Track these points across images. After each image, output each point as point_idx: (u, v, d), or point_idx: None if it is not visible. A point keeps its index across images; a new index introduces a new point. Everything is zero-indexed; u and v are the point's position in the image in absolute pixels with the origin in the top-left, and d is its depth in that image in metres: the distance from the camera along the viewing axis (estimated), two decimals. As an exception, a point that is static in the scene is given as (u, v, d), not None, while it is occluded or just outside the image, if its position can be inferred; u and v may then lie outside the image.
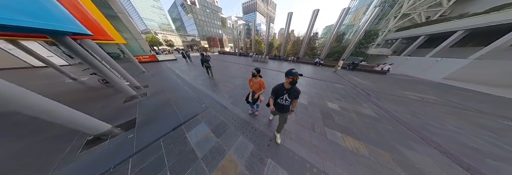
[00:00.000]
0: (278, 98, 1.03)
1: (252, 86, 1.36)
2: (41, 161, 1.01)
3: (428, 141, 1.29)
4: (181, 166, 0.99)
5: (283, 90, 0.97)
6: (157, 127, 1.43)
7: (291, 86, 0.93)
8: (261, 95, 1.40)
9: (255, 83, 1.33)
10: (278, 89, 0.99)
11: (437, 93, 3.50)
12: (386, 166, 0.97)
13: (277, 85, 1.01)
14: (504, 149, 1.26)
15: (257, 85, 1.33)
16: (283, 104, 1.02)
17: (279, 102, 1.03)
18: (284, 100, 1.00)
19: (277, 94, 1.01)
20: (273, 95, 1.04)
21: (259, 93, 1.36)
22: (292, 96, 0.97)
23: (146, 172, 0.94)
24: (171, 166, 0.99)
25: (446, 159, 1.07)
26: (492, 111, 2.37)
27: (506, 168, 1.08)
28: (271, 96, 1.08)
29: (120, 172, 0.95)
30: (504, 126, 1.77)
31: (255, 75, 1.26)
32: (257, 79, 1.31)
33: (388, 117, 1.82)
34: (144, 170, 0.95)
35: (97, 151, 1.09)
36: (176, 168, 0.97)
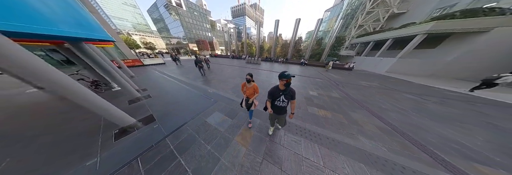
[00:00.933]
0: (275, 101, 1.03)
1: (245, 91, 1.32)
2: (84, 148, 1.25)
3: (365, 107, 2.39)
4: (210, 138, 1.37)
5: (278, 92, 0.98)
6: (176, 118, 1.75)
7: (286, 88, 0.94)
8: (255, 100, 1.37)
9: (248, 89, 1.29)
10: (273, 91, 1.01)
11: (379, 81, 5.23)
12: (341, 121, 1.85)
13: (272, 87, 1.03)
14: (397, 107, 2.52)
15: (251, 90, 1.30)
16: (281, 106, 1.03)
17: (277, 104, 1.04)
18: (281, 101, 1.01)
19: (274, 96, 1.02)
20: (270, 98, 1.05)
21: (253, 98, 1.33)
22: (288, 97, 0.99)
23: (185, 144, 1.27)
24: (202, 138, 1.36)
25: (371, 115, 2.10)
26: (403, 90, 4.00)
27: (395, 115, 2.22)
28: (268, 99, 1.08)
29: (162, 147, 1.25)
30: (403, 97, 3.22)
31: (250, 80, 1.23)
32: (250, 84, 1.28)
33: (347, 97, 2.96)
34: (182, 143, 1.29)
35: (131, 138, 1.37)
36: (206, 139, 1.35)
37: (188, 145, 1.28)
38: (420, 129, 1.74)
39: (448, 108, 2.63)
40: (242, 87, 1.35)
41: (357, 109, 2.31)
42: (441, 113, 2.36)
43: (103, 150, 1.23)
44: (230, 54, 17.96)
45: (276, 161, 1.12)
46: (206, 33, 33.00)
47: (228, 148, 1.26)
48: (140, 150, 1.23)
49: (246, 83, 1.29)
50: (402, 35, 7.25)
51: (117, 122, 1.44)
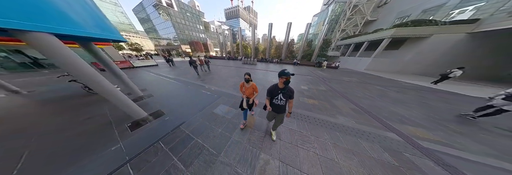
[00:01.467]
0: (273, 98, 1.06)
1: (245, 92, 1.33)
2: (104, 139, 1.40)
3: (344, 96, 3.10)
4: (219, 123, 1.66)
5: (277, 90, 1.00)
6: (185, 111, 1.98)
7: (285, 86, 0.96)
8: (255, 99, 1.40)
9: (247, 89, 1.30)
10: (272, 89, 1.02)
11: (358, 77, 6.27)
12: (325, 107, 2.45)
13: (271, 86, 1.05)
14: (368, 95, 3.30)
15: (250, 90, 1.31)
16: (279, 104, 1.06)
17: (275, 102, 1.06)
18: (279, 100, 1.03)
19: (272, 94, 1.04)
20: (269, 95, 1.07)
21: (253, 98, 1.35)
22: (286, 96, 1.01)
23: (198, 129, 1.53)
24: (212, 124, 1.64)
25: (348, 102, 2.78)
26: (374, 83, 4.99)
27: (365, 100, 2.97)
28: (266, 97, 1.11)
29: (178, 132, 1.47)
30: (374, 88, 4.11)
31: (249, 80, 1.24)
32: (249, 84, 1.29)
33: (332, 90, 3.69)
34: (196, 129, 1.55)
35: (146, 129, 1.55)
36: (216, 124, 1.64)
37: (201, 130, 1.55)
38: (379, 109, 2.48)
39: (402, 95, 3.55)
40: (240, 87, 1.35)
41: (338, 98, 3.02)
42: (396, 98, 3.23)
43: (122, 139, 1.39)
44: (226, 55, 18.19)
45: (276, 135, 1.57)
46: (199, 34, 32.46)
47: (236, 129, 1.55)
48: (159, 136, 1.43)
49: (244, 83, 1.30)
50: (374, 39, 8.72)
51: (133, 115, 1.63)
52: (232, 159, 1.17)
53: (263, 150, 1.28)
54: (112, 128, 1.61)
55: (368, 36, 9.31)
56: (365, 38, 9.60)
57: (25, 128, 1.69)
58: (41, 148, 1.35)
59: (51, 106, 2.31)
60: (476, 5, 6.25)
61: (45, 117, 1.94)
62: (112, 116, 1.89)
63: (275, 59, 13.87)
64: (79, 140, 1.44)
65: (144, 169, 1.08)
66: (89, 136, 1.50)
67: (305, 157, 1.20)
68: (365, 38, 9.62)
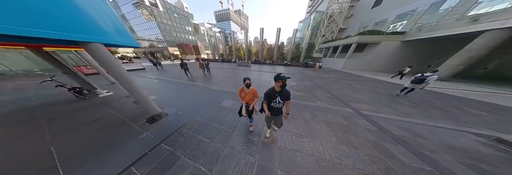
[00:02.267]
0: (271, 102, 1.07)
1: (244, 97, 1.26)
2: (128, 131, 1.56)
3: (323, 89, 4.19)
4: (229, 113, 2.06)
5: (274, 93, 1.03)
6: (195, 107, 2.27)
7: (282, 89, 0.99)
8: (255, 106, 1.34)
9: (247, 94, 1.24)
10: (270, 93, 1.04)
11: (336, 74, 7.76)
12: (308, 96, 3.44)
13: (268, 89, 1.07)
14: (339, 87, 4.49)
15: (250, 95, 1.25)
16: (277, 107, 1.09)
17: (273, 105, 1.09)
18: (277, 103, 1.06)
19: (270, 98, 1.06)
20: (266, 99, 1.08)
21: (253, 104, 1.29)
22: (284, 98, 1.04)
23: (212, 117, 1.90)
24: (223, 114, 2.03)
25: (325, 92, 3.86)
26: (346, 78, 6.43)
27: (337, 91, 4.13)
28: (264, 101, 1.12)
29: (195, 121, 1.78)
30: (345, 82, 5.41)
31: (249, 85, 1.18)
32: (249, 89, 1.23)
33: (315, 85, 4.77)
34: (210, 118, 1.92)
35: (164, 122, 1.79)
36: (227, 113, 2.04)
37: (215, 117, 1.94)
38: (345, 95, 3.58)
39: (361, 86, 4.89)
40: (239, 93, 1.28)
41: (319, 90, 4.06)
42: (357, 88, 4.49)
43: (146, 130, 1.61)
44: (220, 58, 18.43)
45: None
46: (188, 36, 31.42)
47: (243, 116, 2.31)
48: (179, 125, 1.71)
49: (244, 88, 1.23)
50: (345, 43, 10.77)
51: (150, 110, 1.85)
52: (243, 132, 1.66)
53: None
54: (128, 124, 1.77)
55: (341, 41, 11.40)
56: (339, 43, 11.70)
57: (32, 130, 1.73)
58: (66, 143, 1.45)
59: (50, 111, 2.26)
60: (402, 22, 8.78)
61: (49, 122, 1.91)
62: (121, 115, 2.04)
63: (268, 61, 15.02)
64: (101, 134, 1.58)
65: (177, 145, 1.37)
66: (109, 131, 1.64)
67: (293, 126, 1.94)
68: (339, 42, 11.73)
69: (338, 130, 1.81)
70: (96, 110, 2.29)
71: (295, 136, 1.62)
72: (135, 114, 2.07)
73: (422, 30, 7.48)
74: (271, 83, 4.84)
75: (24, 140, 1.54)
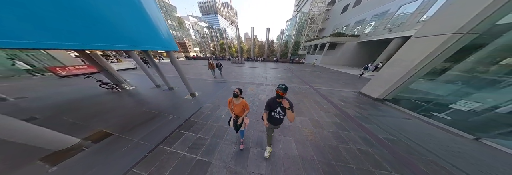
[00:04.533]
0: (272, 112, 1.04)
1: (233, 109, 1.15)
2: (182, 104, 3.68)
3: (300, 78, 6.22)
4: (244, 92, 3.37)
5: (276, 103, 0.99)
6: (211, 92, 3.44)
7: (282, 99, 0.95)
8: (245, 118, 1.24)
9: (237, 106, 1.13)
10: (271, 102, 1.02)
11: (312, 68, 10.01)
12: (287, 82, 5.46)
13: (269, 99, 1.04)
14: (310, 76, 6.58)
15: (239, 108, 1.13)
16: (277, 117, 1.04)
17: (273, 115, 1.04)
18: (277, 113, 1.02)
19: (271, 107, 1.03)
20: (267, 109, 1.05)
21: (243, 117, 1.19)
22: (284, 108, 0.98)
23: (226, 96, 3.10)
24: (250, 97, 3.17)
25: (300, 79, 5.83)
26: (318, 70, 8.66)
27: (307, 78, 6.17)
28: (264, 111, 1.08)
29: (214, 100, 2.94)
30: (315, 73, 7.56)
31: (237, 95, 1.08)
32: (238, 100, 1.13)
33: (294, 75, 6.73)
34: (224, 97, 3.10)
35: (198, 99, 2.97)
36: (251, 95, 3.38)
37: (228, 95, 3.30)
38: (311, 80, 5.59)
39: (325, 75, 7.11)
40: (229, 103, 1.17)
41: (295, 78, 6.02)
42: (321, 76, 6.64)
43: (192, 100, 2.88)
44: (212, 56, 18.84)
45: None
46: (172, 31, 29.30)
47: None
48: (210, 99, 2.97)
49: (233, 99, 1.13)
50: (321, 43, 13.18)
51: (189, 90, 3.08)
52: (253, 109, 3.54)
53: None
54: (178, 98, 3.08)
55: (318, 40, 13.79)
56: (317, 42, 14.09)
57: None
58: (119, 122, 2.44)
59: (100, 99, 3.38)
60: (358, 27, 11.55)
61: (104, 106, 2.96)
62: (164, 97, 3.27)
63: (260, 58, 16.54)
64: (144, 115, 2.33)
65: (202, 117, 2.24)
66: (150, 114, 2.30)
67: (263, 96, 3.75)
68: (317, 42, 14.11)
69: (299, 95, 3.68)
70: (136, 97, 3.12)
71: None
72: (172, 95, 3.31)
73: (368, 35, 10.28)
74: (263, 75, 6.53)
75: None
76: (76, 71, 5.53)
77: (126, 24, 1.59)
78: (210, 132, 1.82)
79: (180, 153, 1.44)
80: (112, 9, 1.41)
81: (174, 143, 1.59)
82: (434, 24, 2.19)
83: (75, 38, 1.15)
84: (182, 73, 3.00)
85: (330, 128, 2.02)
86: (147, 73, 3.93)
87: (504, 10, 1.68)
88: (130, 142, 1.60)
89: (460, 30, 1.87)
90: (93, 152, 1.45)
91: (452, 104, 2.26)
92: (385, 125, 2.14)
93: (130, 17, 1.64)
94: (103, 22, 1.34)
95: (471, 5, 1.77)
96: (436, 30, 2.14)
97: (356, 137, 1.83)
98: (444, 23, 2.05)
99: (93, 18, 1.25)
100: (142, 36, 1.83)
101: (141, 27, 1.82)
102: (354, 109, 2.77)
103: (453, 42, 1.98)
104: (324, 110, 2.70)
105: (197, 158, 1.37)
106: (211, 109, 2.57)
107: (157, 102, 2.92)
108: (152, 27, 1.98)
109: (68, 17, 1.07)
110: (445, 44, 2.02)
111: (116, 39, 1.50)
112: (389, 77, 2.93)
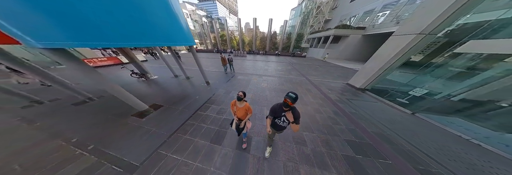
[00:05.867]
0: (276, 118, 1.00)
1: (236, 112, 1.15)
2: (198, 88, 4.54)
3: (298, 70, 6.76)
4: (239, 82, 4.35)
5: (281, 111, 0.93)
6: (221, 81, 4.17)
7: (289, 109, 0.89)
8: (248, 122, 1.23)
9: (240, 109, 1.12)
10: (276, 109, 0.96)
11: (312, 62, 10.31)
12: (286, 74, 6.04)
13: (275, 104, 0.99)
14: (307, 69, 7.09)
15: (242, 112, 1.13)
16: (281, 125, 1.00)
17: (277, 122, 1.00)
18: (282, 121, 0.98)
19: (275, 114, 0.98)
20: (271, 115, 1.01)
21: (245, 120, 1.18)
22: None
23: (235, 84, 4.00)
24: (236, 82, 4.20)
25: (298, 72, 6.39)
26: (317, 64, 9.06)
27: (305, 71, 6.71)
28: (269, 117, 1.03)
29: (226, 86, 3.87)
30: (314, 67, 8.04)
31: (241, 98, 1.05)
32: (242, 104, 1.11)
33: (293, 68, 7.26)
34: (234, 85, 3.93)
35: (212, 84, 3.85)
36: (237, 83, 4.19)
37: (236, 84, 4.39)
38: (308, 73, 6.19)
39: (322, 68, 7.60)
40: (231, 106, 1.17)
41: (295, 71, 6.57)
42: (318, 69, 7.16)
43: (208, 87, 3.77)
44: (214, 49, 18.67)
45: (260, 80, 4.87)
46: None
47: (258, 78, 4.79)
48: (222, 86, 3.76)
49: (236, 101, 1.11)
50: (325, 35, 12.85)
51: (205, 78, 3.94)
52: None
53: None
54: (197, 86, 3.92)
55: (322, 33, 13.37)
56: (321, 34, 13.66)
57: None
58: (162, 99, 3.82)
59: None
60: (367, 18, 10.97)
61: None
62: (187, 84, 4.25)
63: (261, 51, 16.45)
64: (177, 96, 3.98)
65: (220, 97, 3.13)
66: (181, 95, 3.89)
67: (266, 88, 4.46)
68: (321, 34, 13.68)
69: (297, 86, 4.33)
70: (162, 84, 3.92)
71: (270, 89, 4.12)
72: (191, 83, 4.13)
73: (374, 27, 9.96)
74: (264, 68, 7.08)
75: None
76: (100, 63, 6.30)
77: (164, 26, 2.14)
78: (228, 105, 2.68)
79: (211, 115, 2.29)
80: (159, 16, 1.99)
81: (205, 111, 2.45)
82: (407, 24, 2.62)
83: (137, 39, 1.74)
84: (200, 65, 3.68)
85: (313, 106, 2.82)
86: (168, 65, 4.63)
87: (455, 16, 2.12)
88: (177, 110, 2.45)
89: (423, 31, 2.35)
90: (158, 113, 2.32)
91: (411, 91, 2.94)
92: (354, 105, 2.92)
93: (168, 21, 2.20)
94: (153, 27, 1.94)
95: (432, 10, 2.19)
96: (407, 30, 2.59)
97: (330, 110, 2.64)
98: (413, 24, 2.49)
99: (149, 25, 1.86)
100: (173, 35, 2.42)
101: (174, 27, 2.39)
102: (336, 95, 3.53)
103: (418, 41, 2.49)
104: (313, 95, 3.46)
105: (223, 118, 2.24)
106: (224, 92, 3.40)
107: (181, 87, 3.71)
108: (180, 26, 2.53)
109: (134, 26, 1.66)
110: (412, 42, 2.53)
111: (158, 38, 2.09)
112: (370, 70, 3.53)
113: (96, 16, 1.31)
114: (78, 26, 1.24)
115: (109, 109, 2.39)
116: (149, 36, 1.92)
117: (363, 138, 1.89)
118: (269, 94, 3.42)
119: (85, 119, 2.13)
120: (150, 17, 1.85)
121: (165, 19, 2.15)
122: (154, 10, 1.92)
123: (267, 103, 2.88)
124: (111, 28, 1.45)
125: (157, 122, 2.08)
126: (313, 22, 17.04)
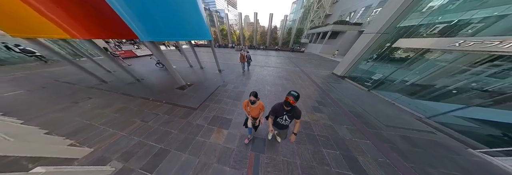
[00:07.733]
0: (277, 118, 1.02)
1: (250, 112, 1.19)
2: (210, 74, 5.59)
3: (295, 64, 7.75)
4: (260, 71, 5.80)
5: (283, 110, 0.95)
6: (231, 70, 5.18)
7: (291, 108, 0.91)
8: (261, 118, 1.27)
9: (253, 109, 1.15)
10: (277, 109, 0.97)
11: (309, 57, 11.15)
12: (283, 66, 7.07)
13: (276, 104, 1.00)
14: (303, 62, 8.09)
15: (256, 111, 1.17)
16: (283, 124, 1.03)
17: (279, 121, 1.03)
18: (284, 120, 1.00)
19: (277, 113, 1.00)
20: (273, 114, 1.02)
21: (259, 118, 1.22)
22: (292, 117, 0.96)
23: (252, 72, 5.56)
24: (256, 72, 5.40)
25: (295, 65, 7.33)
26: (313, 58, 9.95)
27: (301, 64, 7.70)
28: (270, 116, 1.04)
29: (234, 75, 4.81)
30: (309, 60, 8.91)
31: (254, 101, 1.06)
32: (255, 104, 1.11)
33: (290, 62, 8.22)
34: (253, 72, 5.57)
35: (224, 72, 4.89)
36: (257, 71, 5.59)
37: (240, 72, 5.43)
38: (302, 65, 7.18)
39: (316, 62, 8.58)
40: (244, 107, 1.19)
41: (291, 64, 7.56)
42: (312, 62, 8.15)
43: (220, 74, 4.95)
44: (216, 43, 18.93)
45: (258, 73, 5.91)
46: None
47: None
48: (232, 73, 4.79)
49: (249, 103, 1.11)
50: (324, 31, 13.35)
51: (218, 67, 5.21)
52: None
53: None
54: (210, 73, 5.10)
55: (321, 28, 13.81)
56: (320, 30, 14.12)
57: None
58: (190, 80, 4.90)
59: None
60: (365, 14, 11.39)
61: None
62: (202, 72, 5.35)
63: (262, 46, 16.96)
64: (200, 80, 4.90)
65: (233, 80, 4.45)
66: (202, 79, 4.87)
67: (266, 74, 5.49)
68: (320, 30, 14.13)
69: (291, 74, 5.38)
70: (184, 72, 5.06)
71: (270, 75, 5.15)
72: (206, 71, 5.17)
73: (369, 23, 10.56)
74: (265, 61, 8.00)
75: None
76: (122, 55, 7.28)
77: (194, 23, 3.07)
78: (239, 84, 3.82)
79: (231, 90, 3.40)
80: (194, 16, 2.88)
81: (225, 86, 3.55)
82: (371, 25, 3.54)
83: (183, 35, 2.77)
84: (216, 56, 4.70)
85: (301, 85, 3.94)
86: (185, 57, 5.62)
87: (400, 17, 3.04)
88: (204, 86, 3.53)
89: (379, 30, 3.29)
90: (192, 87, 3.40)
91: (373, 76, 4.02)
92: (330, 86, 4.03)
93: (198, 19, 3.08)
94: (190, 25, 2.87)
95: (386, 12, 3.10)
96: (370, 29, 3.52)
97: (312, 89, 3.75)
98: (374, 25, 3.42)
99: (189, 24, 2.78)
100: (199, 30, 3.33)
101: (200, 23, 3.27)
102: (320, 80, 4.64)
103: (376, 38, 3.45)
104: (302, 80, 4.56)
105: (238, 90, 3.34)
106: (235, 77, 4.49)
107: (200, 74, 4.75)
108: (204, 23, 3.40)
109: (186, 26, 2.67)
110: (372, 40, 3.49)
111: (190, 33, 3.04)
112: (348, 60, 4.54)
113: (172, 24, 2.39)
114: (164, 30, 2.28)
115: (155, 86, 3.45)
116: (189, 32, 2.88)
117: (328, 101, 3.04)
118: (269, 78, 4.57)
119: (146, 90, 3.20)
120: (190, 18, 2.79)
121: (197, 17, 3.03)
122: (193, 13, 2.83)
123: (268, 83, 4.00)
124: (177, 29, 2.51)
125: (194, 92, 3.17)
126: (314, 17, 17.17)
